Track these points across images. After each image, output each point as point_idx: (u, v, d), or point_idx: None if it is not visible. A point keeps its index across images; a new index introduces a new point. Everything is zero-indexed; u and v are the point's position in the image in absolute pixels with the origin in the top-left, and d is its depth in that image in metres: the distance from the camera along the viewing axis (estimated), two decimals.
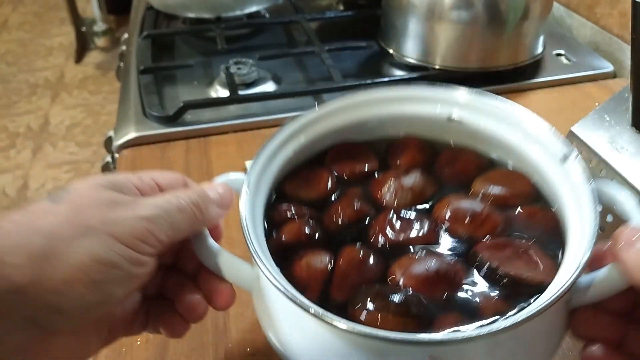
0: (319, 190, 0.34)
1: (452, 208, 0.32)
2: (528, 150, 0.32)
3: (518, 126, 0.33)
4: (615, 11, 0.72)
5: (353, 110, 0.35)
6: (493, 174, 0.35)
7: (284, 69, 0.71)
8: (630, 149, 0.44)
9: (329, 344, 0.25)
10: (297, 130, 0.34)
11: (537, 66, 0.69)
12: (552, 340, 0.28)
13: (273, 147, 0.32)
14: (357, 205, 0.32)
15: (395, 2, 0.66)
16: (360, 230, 0.32)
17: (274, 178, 0.32)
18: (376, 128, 0.37)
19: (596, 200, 0.26)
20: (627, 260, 0.24)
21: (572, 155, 0.29)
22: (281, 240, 0.30)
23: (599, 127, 0.47)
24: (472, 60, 0.64)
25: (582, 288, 0.27)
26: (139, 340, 0.38)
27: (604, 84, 0.67)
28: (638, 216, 0.27)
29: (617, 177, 0.43)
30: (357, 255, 0.29)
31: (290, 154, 0.33)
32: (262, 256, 0.26)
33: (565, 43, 0.75)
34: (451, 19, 0.62)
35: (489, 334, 0.23)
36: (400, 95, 0.36)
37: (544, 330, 0.27)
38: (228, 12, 0.79)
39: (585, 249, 0.25)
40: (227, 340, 0.38)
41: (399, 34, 0.67)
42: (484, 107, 0.34)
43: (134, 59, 0.73)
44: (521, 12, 0.62)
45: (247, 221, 0.28)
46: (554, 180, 0.31)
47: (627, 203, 0.27)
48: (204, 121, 0.60)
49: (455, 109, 0.35)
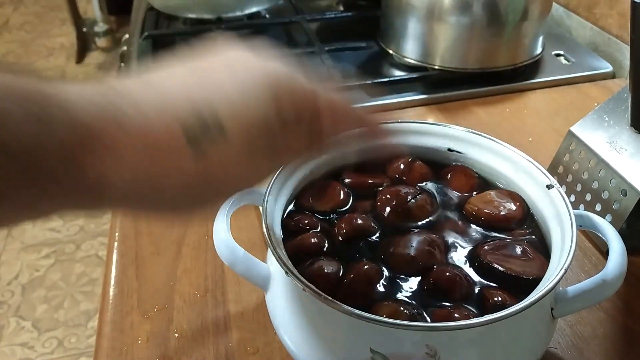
0: (332, 203, 0.37)
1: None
2: (517, 178, 0.37)
3: (509, 159, 0.37)
4: (614, 12, 0.72)
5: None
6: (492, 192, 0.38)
7: None
8: (630, 149, 0.44)
9: (335, 328, 0.29)
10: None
11: (537, 66, 0.69)
12: (536, 342, 0.31)
13: (292, 165, 0.36)
14: (359, 221, 0.35)
15: (395, 3, 0.66)
16: (362, 243, 0.34)
17: (292, 190, 0.36)
18: (386, 153, 0.40)
19: (575, 224, 0.30)
20: None
21: (555, 185, 0.33)
22: (294, 247, 0.33)
23: (598, 127, 0.47)
24: (471, 61, 0.65)
25: (567, 298, 0.31)
26: (140, 339, 0.38)
27: (603, 84, 0.68)
28: (616, 240, 0.31)
29: (616, 177, 0.43)
30: (365, 269, 0.32)
31: (308, 171, 0.37)
32: (284, 258, 0.28)
33: (565, 43, 0.75)
34: (451, 19, 0.62)
35: (471, 325, 0.26)
36: (408, 128, 0.40)
37: (525, 330, 0.30)
38: (228, 12, 0.79)
39: (564, 265, 0.28)
40: (227, 340, 0.38)
41: (399, 35, 0.67)
42: (478, 142, 0.38)
43: (135, 60, 0.73)
44: (520, 12, 0.62)
45: (269, 227, 0.30)
46: (541, 204, 0.35)
47: (607, 230, 0.32)
48: None
49: (454, 143, 0.39)
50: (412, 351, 0.27)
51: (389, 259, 0.32)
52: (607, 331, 0.38)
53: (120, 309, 0.41)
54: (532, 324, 0.30)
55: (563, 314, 0.31)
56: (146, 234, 0.47)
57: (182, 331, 0.39)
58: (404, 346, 0.28)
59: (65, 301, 1.35)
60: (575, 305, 0.31)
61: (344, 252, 0.33)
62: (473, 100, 0.65)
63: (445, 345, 0.27)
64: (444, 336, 0.28)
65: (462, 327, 0.27)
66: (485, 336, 0.29)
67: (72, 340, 1.26)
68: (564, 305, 0.31)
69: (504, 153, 0.37)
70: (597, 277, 0.30)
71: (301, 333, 0.31)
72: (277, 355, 0.37)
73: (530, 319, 0.30)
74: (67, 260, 1.47)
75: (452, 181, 0.38)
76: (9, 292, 1.38)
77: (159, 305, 0.41)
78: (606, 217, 0.44)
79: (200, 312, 0.40)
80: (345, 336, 0.29)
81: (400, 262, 0.32)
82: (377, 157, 0.39)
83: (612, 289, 0.30)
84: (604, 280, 0.30)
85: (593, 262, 0.44)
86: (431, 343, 0.27)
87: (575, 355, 0.37)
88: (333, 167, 0.39)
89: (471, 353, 0.29)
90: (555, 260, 0.30)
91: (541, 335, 0.31)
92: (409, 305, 0.30)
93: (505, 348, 0.29)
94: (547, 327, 0.32)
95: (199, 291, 0.42)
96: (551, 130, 0.59)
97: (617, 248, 0.31)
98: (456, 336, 0.28)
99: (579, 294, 0.31)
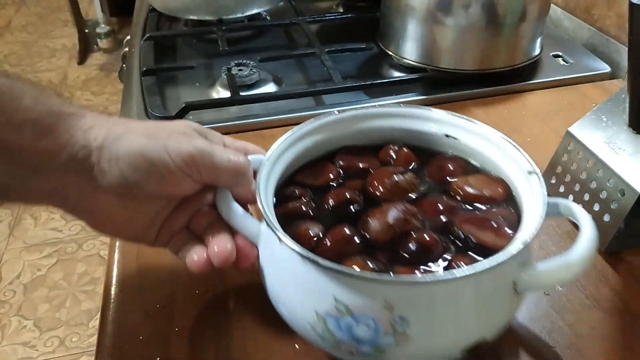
0: (323, 179, 0.40)
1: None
2: (504, 165, 0.38)
3: (498, 146, 0.39)
4: (612, 13, 0.72)
5: (364, 120, 0.42)
6: (477, 176, 0.40)
7: (284, 71, 0.72)
8: (628, 150, 0.44)
9: (305, 278, 0.31)
10: (314, 129, 0.40)
11: (535, 67, 0.70)
12: (493, 314, 0.32)
13: (291, 139, 0.39)
14: (347, 194, 0.38)
15: (394, 5, 0.67)
16: (348, 214, 0.37)
17: (289, 163, 0.39)
18: (381, 137, 0.42)
19: (545, 205, 0.32)
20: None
21: (536, 172, 0.35)
22: (284, 211, 0.36)
23: (596, 127, 0.47)
24: (470, 62, 0.65)
25: (530, 275, 0.32)
26: (141, 338, 0.39)
27: (601, 85, 0.68)
28: (589, 227, 0.32)
29: (614, 177, 0.43)
30: (342, 231, 0.35)
31: (305, 147, 0.40)
32: (269, 213, 0.32)
33: (563, 44, 0.75)
34: (449, 20, 0.62)
35: (432, 282, 0.29)
36: (405, 112, 0.42)
37: (482, 300, 0.31)
38: (229, 14, 0.80)
39: (526, 239, 0.30)
40: (228, 338, 0.39)
41: (398, 36, 0.68)
42: (473, 129, 0.40)
43: (137, 61, 0.74)
44: (519, 14, 0.63)
45: (260, 188, 0.34)
46: (521, 189, 0.36)
47: (582, 216, 0.33)
48: (205, 122, 0.61)
49: (450, 129, 0.41)
50: (370, 303, 0.29)
51: (367, 224, 0.35)
52: (607, 331, 0.39)
53: (121, 308, 0.41)
54: (492, 294, 0.31)
55: (526, 289, 0.32)
56: None
57: (183, 330, 0.39)
58: (363, 298, 0.29)
59: (67, 300, 1.36)
60: (538, 282, 0.32)
61: (330, 220, 0.36)
62: (472, 101, 0.65)
63: (401, 301, 0.29)
64: (399, 291, 0.29)
65: (411, 282, 0.29)
66: (439, 298, 0.30)
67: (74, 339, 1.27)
68: (527, 282, 0.32)
69: (494, 140, 0.39)
70: (563, 259, 0.31)
71: (278, 280, 0.34)
72: (278, 355, 0.37)
73: (490, 290, 0.31)
74: (69, 259, 1.47)
75: (442, 167, 0.40)
76: (11, 291, 1.39)
77: (161, 304, 0.41)
78: (604, 217, 0.44)
79: (201, 311, 0.41)
80: (313, 285, 0.31)
81: (377, 228, 0.34)
82: (370, 142, 0.42)
83: (575, 272, 0.31)
84: (568, 262, 0.31)
85: (597, 268, 0.44)
86: (388, 297, 0.29)
87: (575, 355, 0.37)
88: (328, 149, 0.41)
89: (426, 312, 0.30)
90: (519, 237, 0.31)
91: (501, 308, 0.32)
92: (377, 262, 0.32)
93: (459, 313, 0.31)
94: (508, 300, 0.32)
95: (201, 290, 0.42)
96: (549, 130, 0.60)
97: (588, 234, 0.31)
98: (410, 293, 0.29)
99: (543, 273, 0.32)
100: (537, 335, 0.38)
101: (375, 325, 0.29)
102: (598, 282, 0.42)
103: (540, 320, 0.39)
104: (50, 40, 2.59)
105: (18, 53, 2.49)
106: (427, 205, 0.37)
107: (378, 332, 0.30)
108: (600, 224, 0.45)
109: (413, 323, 0.29)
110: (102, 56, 2.43)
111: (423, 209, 0.37)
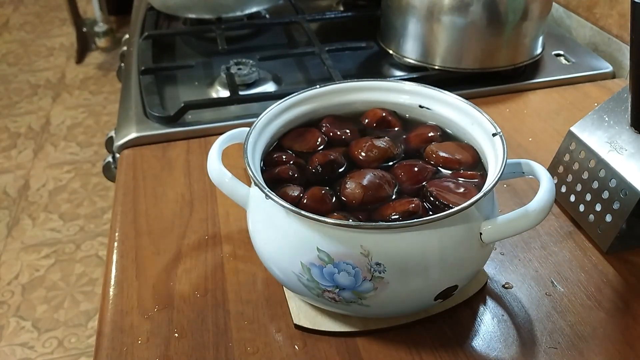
0: (309, 145, 0.42)
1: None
2: (473, 130, 0.41)
3: (467, 113, 0.42)
4: (614, 12, 0.72)
5: (345, 93, 0.45)
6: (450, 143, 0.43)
7: (284, 70, 0.71)
8: (630, 149, 0.44)
9: (290, 231, 0.34)
10: (299, 100, 0.43)
11: (537, 66, 0.69)
12: (463, 261, 0.35)
13: (277, 110, 0.42)
14: (331, 156, 0.40)
15: (395, 3, 0.67)
16: (332, 176, 0.40)
17: (275, 132, 0.42)
18: (362, 108, 0.46)
19: (505, 158, 0.35)
20: None
21: (499, 133, 0.38)
22: (271, 175, 0.39)
23: (598, 127, 0.47)
24: (471, 61, 0.65)
25: (494, 225, 0.34)
26: (140, 339, 0.38)
27: (603, 84, 0.68)
28: (547, 181, 0.35)
29: (616, 177, 0.43)
30: (318, 192, 0.37)
31: (291, 117, 0.43)
32: (256, 173, 0.35)
33: (565, 43, 0.75)
34: (450, 19, 0.62)
35: (401, 226, 0.32)
36: (381, 86, 0.46)
37: (450, 247, 0.34)
38: (228, 12, 0.79)
39: (485, 189, 0.34)
40: (227, 339, 0.38)
41: (399, 35, 0.67)
42: (444, 99, 0.43)
43: (135, 60, 0.73)
44: (520, 12, 0.62)
45: (248, 153, 0.36)
46: (488, 152, 0.39)
47: (541, 172, 0.36)
48: (204, 121, 0.61)
49: (423, 100, 0.44)
50: (349, 250, 0.32)
51: (344, 184, 0.37)
52: (607, 331, 0.39)
53: (120, 309, 0.41)
54: (459, 243, 0.34)
55: (491, 239, 0.35)
56: (146, 234, 0.47)
57: (182, 331, 0.39)
58: (342, 246, 0.32)
59: (66, 301, 1.35)
60: (501, 231, 0.34)
61: (313, 182, 0.38)
62: (473, 100, 0.64)
63: (376, 246, 0.32)
64: (374, 238, 0.32)
65: (382, 227, 0.32)
66: (410, 242, 0.33)
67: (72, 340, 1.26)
68: (491, 231, 0.34)
69: (464, 109, 0.42)
70: (522, 209, 0.34)
71: (267, 237, 0.37)
72: (277, 355, 0.37)
73: (456, 238, 0.34)
74: (67, 260, 1.47)
75: (419, 134, 0.43)
76: (9, 292, 1.38)
77: (159, 305, 0.41)
78: (606, 217, 0.44)
79: (200, 312, 0.40)
80: (297, 238, 0.34)
81: (353, 189, 0.37)
82: (354, 111, 0.45)
83: (534, 221, 0.33)
84: (527, 211, 0.33)
85: (593, 262, 0.44)
86: (365, 244, 0.32)
87: (575, 355, 0.37)
88: (313, 117, 0.45)
89: (399, 257, 0.33)
90: (480, 192, 0.34)
91: (469, 257, 0.35)
92: (356, 219, 0.35)
93: (430, 259, 0.33)
94: (476, 250, 0.35)
95: (199, 291, 0.42)
96: (551, 130, 0.59)
97: (546, 186, 0.34)
98: (383, 239, 0.32)
99: (504, 222, 0.34)
100: (538, 336, 0.38)
101: (354, 271, 0.33)
102: (600, 282, 0.42)
103: (541, 321, 0.39)
104: (48, 39, 2.58)
105: (16, 52, 2.48)
106: (404, 168, 0.39)
107: (357, 278, 0.33)
108: (602, 224, 0.44)
109: (388, 268, 0.32)
110: (100, 55, 2.42)
111: (400, 171, 0.39)
